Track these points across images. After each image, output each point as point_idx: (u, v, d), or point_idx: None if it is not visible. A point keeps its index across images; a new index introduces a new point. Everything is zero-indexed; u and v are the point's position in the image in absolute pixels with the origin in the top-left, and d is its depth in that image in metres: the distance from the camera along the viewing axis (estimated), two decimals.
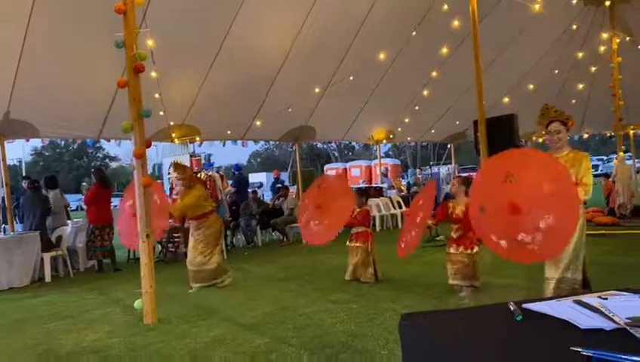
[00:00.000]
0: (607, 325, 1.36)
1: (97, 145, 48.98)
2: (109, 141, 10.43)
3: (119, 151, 53.54)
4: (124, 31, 5.04)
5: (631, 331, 1.28)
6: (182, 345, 4.34)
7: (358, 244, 6.49)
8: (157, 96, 7.66)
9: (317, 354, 3.86)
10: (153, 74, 6.97)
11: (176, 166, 6.99)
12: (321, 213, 6.39)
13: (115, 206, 10.09)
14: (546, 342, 1.32)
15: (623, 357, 1.13)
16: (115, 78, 5.48)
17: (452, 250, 5.47)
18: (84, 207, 9.31)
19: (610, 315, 1.40)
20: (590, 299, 1.58)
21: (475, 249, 5.37)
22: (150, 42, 6.54)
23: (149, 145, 5.20)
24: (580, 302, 1.55)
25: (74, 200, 21.61)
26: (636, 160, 16.20)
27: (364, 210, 6.72)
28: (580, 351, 1.19)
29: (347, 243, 6.68)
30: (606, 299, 1.58)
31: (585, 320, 1.40)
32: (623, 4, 11.23)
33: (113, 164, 53.19)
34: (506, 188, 3.96)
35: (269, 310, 5.36)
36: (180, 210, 6.78)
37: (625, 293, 1.65)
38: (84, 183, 10.23)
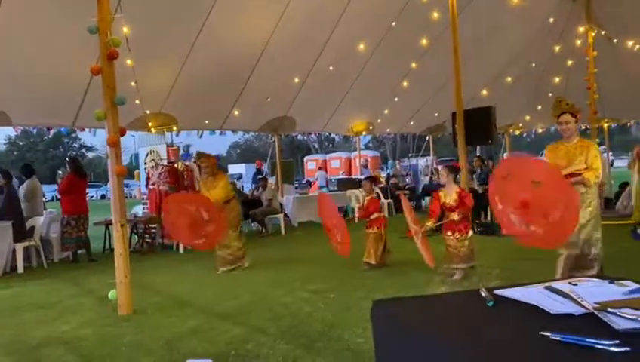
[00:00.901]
0: (577, 310, 1.37)
1: (73, 134, 48.33)
2: (83, 130, 10.25)
3: (96, 140, 52.63)
4: (98, 16, 4.92)
5: (599, 316, 1.29)
6: (157, 335, 4.29)
7: (374, 230, 6.67)
8: (133, 84, 7.53)
9: (293, 344, 3.86)
10: (129, 61, 6.86)
11: (200, 155, 7.40)
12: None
13: (92, 196, 9.94)
14: (516, 327, 1.33)
15: (591, 341, 1.14)
16: (90, 65, 5.36)
17: (448, 235, 5.77)
18: (59, 196, 9.12)
19: (579, 300, 1.41)
20: (560, 284, 1.59)
21: (470, 233, 5.73)
22: (125, 29, 6.42)
23: (123, 134, 5.10)
24: (550, 288, 1.56)
25: (49, 190, 21.24)
26: (610, 152, 16.51)
27: (373, 198, 7.00)
28: (549, 336, 1.20)
29: (365, 229, 6.81)
30: (576, 284, 1.60)
31: (555, 305, 1.41)
32: None
33: (89, 154, 52.41)
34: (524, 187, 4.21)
35: (246, 300, 5.34)
36: (221, 201, 6.88)
37: (594, 279, 1.67)
38: (59, 172, 10.01)
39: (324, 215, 6.65)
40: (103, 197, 35.86)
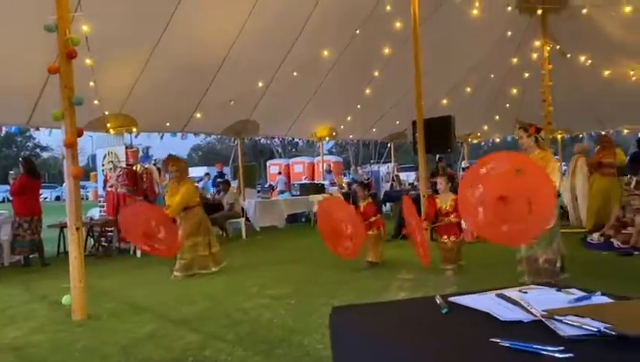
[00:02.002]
0: (526, 317, 1.43)
1: (27, 133, 46.71)
2: (38, 129, 9.92)
3: (51, 140, 50.97)
4: (57, 14, 4.80)
5: (546, 323, 1.35)
6: (112, 341, 4.20)
7: (373, 232, 7.00)
8: (92, 84, 7.37)
9: (252, 350, 3.84)
10: (88, 61, 6.71)
11: (170, 158, 7.34)
12: (339, 235, 6.57)
13: (46, 198, 9.64)
14: (468, 334, 1.37)
15: (538, 347, 1.19)
16: (47, 64, 5.22)
17: (444, 238, 6.32)
18: (11, 198, 8.81)
19: (528, 308, 1.47)
20: (511, 292, 1.65)
21: (461, 236, 6.34)
22: (85, 27, 6.28)
23: (80, 135, 4.98)
24: (501, 296, 1.62)
25: (0, 191, 20.41)
26: (563, 163, 17.10)
27: (368, 201, 7.41)
28: (498, 342, 1.24)
29: (368, 232, 7.01)
30: (526, 292, 1.66)
31: (505, 312, 1.47)
32: (554, 14, 11.79)
33: (44, 154, 50.73)
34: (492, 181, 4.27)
35: (204, 306, 5.29)
36: (176, 210, 6.87)
37: (543, 287, 1.74)
38: (11, 172, 9.66)
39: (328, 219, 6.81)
40: (57, 198, 34.76)
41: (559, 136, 15.65)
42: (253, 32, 9.35)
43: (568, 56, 12.54)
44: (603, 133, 12.32)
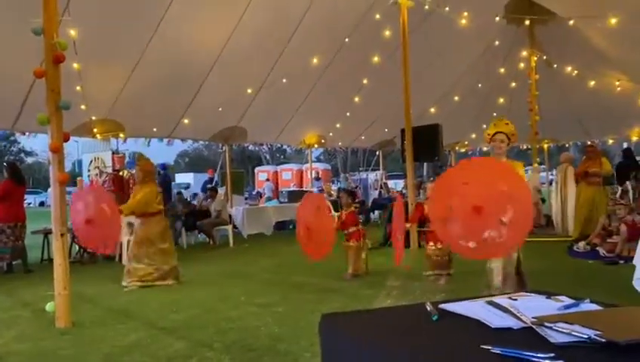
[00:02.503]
0: (516, 324, 1.42)
1: (11, 138, 46.14)
2: (23, 134, 9.81)
3: (36, 145, 50.41)
4: (44, 17, 4.76)
5: (536, 330, 1.35)
6: (96, 349, 4.13)
7: (352, 243, 6.81)
8: (78, 88, 7.32)
9: (239, 358, 3.81)
10: (75, 65, 6.66)
11: (139, 157, 7.20)
12: (310, 234, 6.11)
13: (30, 203, 9.52)
14: (458, 341, 1.37)
15: (528, 354, 1.18)
16: (33, 67, 5.17)
17: (430, 246, 6.23)
18: None
19: (518, 315, 1.47)
20: (501, 299, 1.65)
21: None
22: (73, 32, 6.24)
23: (66, 140, 4.93)
24: (491, 303, 1.62)
25: None
26: (549, 172, 17.29)
27: (352, 211, 7.14)
28: (489, 349, 1.24)
29: (343, 243, 6.88)
30: (516, 299, 1.66)
31: (496, 319, 1.46)
32: (540, 24, 11.96)
33: (29, 159, 50.14)
34: (466, 191, 4.01)
35: (190, 313, 5.23)
36: (130, 208, 6.64)
37: (532, 294, 1.74)
38: None
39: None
40: (42, 204, 34.38)
41: (546, 146, 15.82)
42: (242, 39, 9.37)
43: (555, 66, 12.72)
44: (589, 142, 12.47)
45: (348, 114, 13.33)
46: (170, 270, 6.74)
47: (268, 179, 23.07)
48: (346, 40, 10.67)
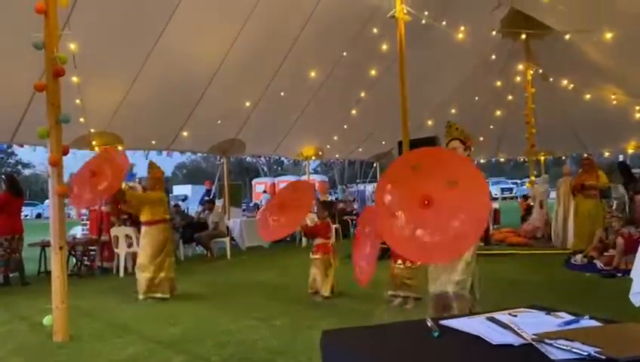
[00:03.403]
0: (516, 341, 1.43)
1: (10, 150, 46.04)
2: (22, 146, 9.81)
3: (34, 157, 50.31)
4: (45, 32, 4.79)
5: (537, 346, 1.36)
6: None
7: (318, 256, 6.40)
8: (77, 102, 7.32)
9: None
10: (74, 79, 6.67)
11: (151, 165, 7.14)
12: (281, 211, 6.03)
13: (27, 215, 9.49)
14: (460, 357, 1.38)
15: None
16: (33, 80, 5.20)
17: (398, 264, 5.73)
18: None
19: (519, 331, 1.48)
20: (501, 316, 1.66)
21: (419, 262, 5.46)
22: (73, 46, 6.27)
23: (66, 153, 4.94)
24: (492, 319, 1.63)
25: None
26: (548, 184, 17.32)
27: (325, 222, 6.78)
28: None
29: (310, 255, 6.57)
30: (515, 316, 1.67)
31: (496, 336, 1.47)
32: (536, 39, 12.07)
33: (26, 171, 50.00)
34: (419, 181, 3.63)
35: (188, 327, 5.21)
36: (136, 199, 6.71)
37: (532, 311, 1.75)
38: None
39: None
40: (38, 216, 34.24)
41: (542, 158, 15.88)
42: (241, 52, 9.43)
43: (551, 80, 12.81)
44: (585, 155, 12.54)
45: (345, 126, 13.38)
46: (167, 280, 6.65)
47: (265, 191, 23.08)
48: (344, 53, 10.74)
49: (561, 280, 7.21)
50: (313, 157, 15.14)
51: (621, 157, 15.40)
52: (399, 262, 5.75)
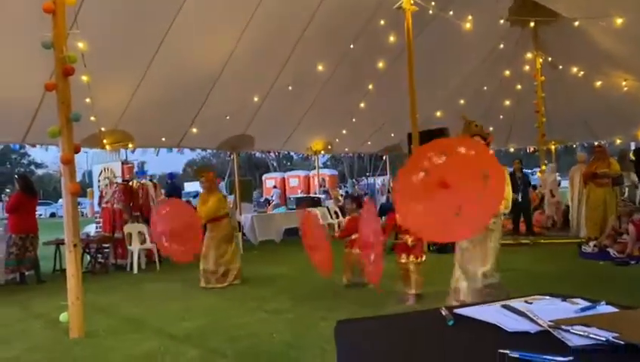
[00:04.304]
0: (532, 328, 1.42)
1: (22, 150, 46.49)
2: (34, 146, 9.89)
3: (46, 157, 50.67)
4: (53, 31, 4.82)
5: (553, 333, 1.35)
6: (110, 359, 4.16)
7: (353, 251, 6.50)
8: (88, 100, 7.36)
9: None
10: (84, 77, 6.71)
11: (201, 170, 7.77)
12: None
13: (41, 215, 9.60)
14: (475, 346, 1.37)
15: (546, 357, 1.19)
16: (43, 80, 5.23)
17: (402, 259, 5.74)
18: (6, 215, 8.75)
19: (535, 318, 1.47)
20: (517, 303, 1.65)
21: (424, 257, 5.70)
22: (81, 45, 6.30)
23: (77, 151, 4.98)
24: (507, 307, 1.62)
25: None
26: (557, 173, 17.18)
27: (354, 218, 6.71)
28: (507, 353, 1.24)
29: (345, 249, 6.71)
30: (531, 303, 1.66)
31: (512, 323, 1.47)
32: (545, 26, 11.94)
33: (39, 171, 50.48)
34: (439, 167, 3.79)
35: (202, 321, 5.25)
36: (207, 216, 7.15)
37: (547, 298, 1.74)
38: (7, 190, 9.61)
39: (307, 235, 6.37)
40: (52, 215, 34.55)
41: (553, 147, 15.75)
42: (248, 48, 9.42)
43: (560, 67, 12.68)
44: (596, 143, 12.43)
45: (354, 120, 13.34)
46: (236, 270, 7.29)
47: (275, 186, 23.10)
48: (351, 46, 10.70)
49: (575, 269, 7.17)
50: (322, 152, 15.12)
51: (633, 145, 15.21)
52: (403, 255, 5.75)
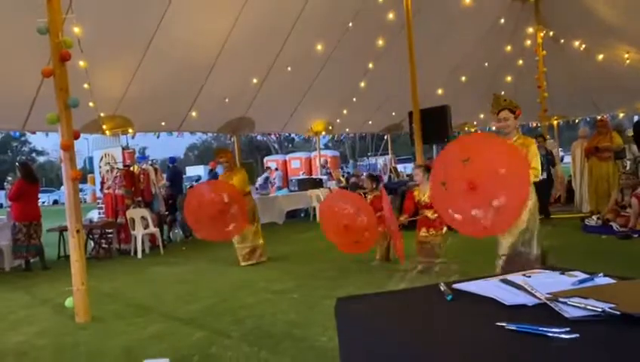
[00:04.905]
0: (530, 301, 1.43)
1: (23, 138, 46.56)
2: (34, 133, 9.88)
3: (47, 144, 50.74)
4: (48, 17, 4.78)
5: (550, 305, 1.36)
6: (116, 342, 4.20)
7: (379, 228, 6.46)
8: (86, 86, 7.34)
9: (257, 345, 3.85)
10: (81, 63, 6.68)
11: (219, 151, 7.82)
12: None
13: (44, 202, 9.63)
14: (474, 319, 1.38)
15: (544, 329, 1.20)
16: (40, 66, 5.20)
17: (422, 232, 6.01)
18: (9, 203, 8.78)
19: (532, 291, 1.48)
20: (515, 277, 1.66)
21: (445, 229, 5.88)
22: (77, 29, 6.25)
23: (77, 137, 4.97)
24: (505, 281, 1.63)
25: None
26: (559, 148, 17.13)
27: (377, 196, 6.87)
28: (504, 326, 1.25)
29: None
30: (529, 276, 1.67)
31: (509, 297, 1.47)
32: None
33: (40, 158, 50.62)
34: (465, 167, 4.09)
35: (208, 303, 5.29)
36: (241, 186, 7.20)
37: (546, 271, 1.75)
38: (9, 178, 9.64)
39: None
40: (55, 202, 34.74)
41: (555, 122, 15.66)
42: (245, 29, 9.33)
43: (562, 41, 12.55)
44: (599, 117, 12.34)
45: (354, 99, 13.27)
46: (261, 248, 7.42)
47: (277, 168, 23.09)
48: (350, 25, 10.59)
49: (578, 243, 7.18)
50: (323, 133, 15.07)
51: (635, 118, 15.11)
52: (423, 229, 5.99)
